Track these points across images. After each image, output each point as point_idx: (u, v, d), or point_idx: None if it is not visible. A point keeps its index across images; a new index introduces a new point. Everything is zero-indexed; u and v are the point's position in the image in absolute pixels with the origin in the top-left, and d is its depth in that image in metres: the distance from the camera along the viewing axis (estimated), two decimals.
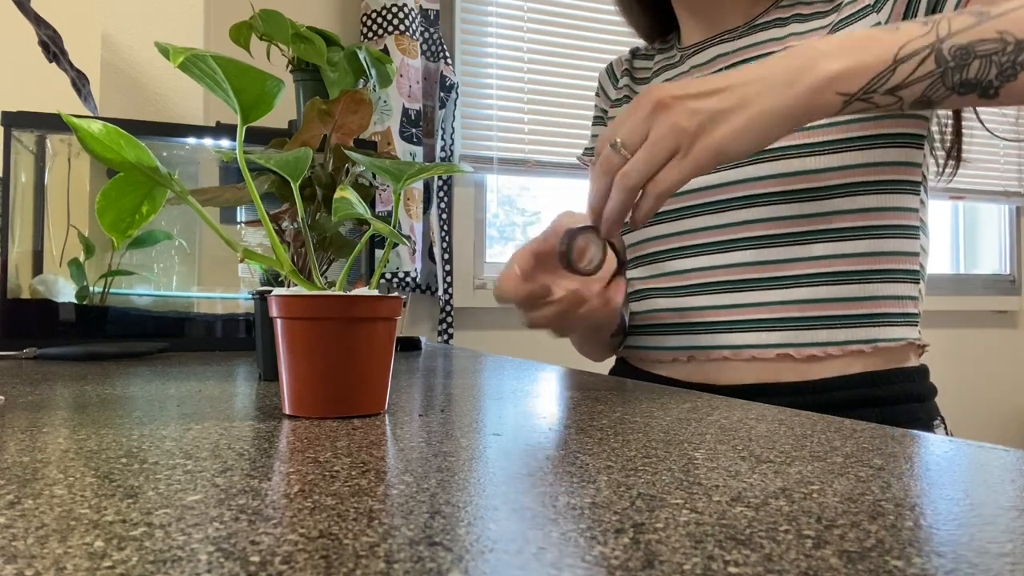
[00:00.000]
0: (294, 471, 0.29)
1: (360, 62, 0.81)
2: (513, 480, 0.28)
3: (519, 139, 1.92)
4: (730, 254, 0.78)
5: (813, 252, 0.74)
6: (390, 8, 1.66)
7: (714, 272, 0.79)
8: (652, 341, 0.85)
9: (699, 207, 0.80)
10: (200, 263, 1.07)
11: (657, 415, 0.45)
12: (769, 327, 0.75)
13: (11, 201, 0.94)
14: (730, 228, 0.77)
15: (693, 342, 0.80)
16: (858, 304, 0.74)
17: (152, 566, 0.19)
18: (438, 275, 1.76)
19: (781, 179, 0.74)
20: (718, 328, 0.78)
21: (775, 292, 0.75)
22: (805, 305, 0.74)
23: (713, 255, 0.79)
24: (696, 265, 0.80)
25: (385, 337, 0.44)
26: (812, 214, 0.74)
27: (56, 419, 0.41)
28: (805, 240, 0.74)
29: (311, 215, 0.57)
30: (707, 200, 0.79)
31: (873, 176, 0.73)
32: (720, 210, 0.78)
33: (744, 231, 0.77)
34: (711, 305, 0.79)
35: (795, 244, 0.74)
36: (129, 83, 1.29)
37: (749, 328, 0.76)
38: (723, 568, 0.19)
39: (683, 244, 0.81)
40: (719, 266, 0.78)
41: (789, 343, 0.74)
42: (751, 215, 0.76)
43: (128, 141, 0.40)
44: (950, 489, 0.27)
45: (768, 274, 0.75)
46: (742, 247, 0.77)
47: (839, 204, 0.73)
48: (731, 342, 0.77)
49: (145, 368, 0.72)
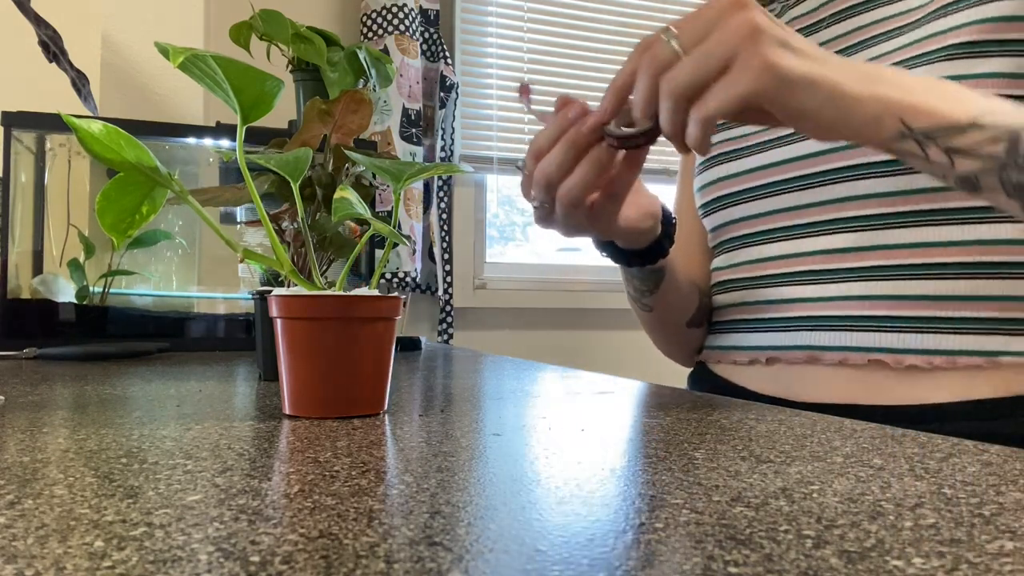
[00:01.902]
0: (294, 471, 0.29)
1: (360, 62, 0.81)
2: (513, 480, 0.28)
3: (519, 139, 1.92)
4: (820, 239, 0.67)
5: (926, 237, 0.61)
6: (390, 8, 1.66)
7: (801, 260, 0.68)
8: (730, 340, 0.75)
9: (787, 183, 0.69)
10: (200, 263, 1.07)
11: (657, 415, 0.45)
12: (863, 326, 0.63)
13: (11, 201, 0.94)
14: (823, 207, 0.67)
15: (774, 341, 0.70)
16: (978, 305, 0.59)
17: (152, 566, 0.19)
18: (438, 275, 1.76)
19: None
20: (803, 324, 0.67)
21: (874, 284, 0.63)
22: (909, 303, 0.61)
23: (801, 239, 0.69)
24: (781, 252, 0.70)
25: (385, 337, 0.44)
26: (923, 189, 0.61)
27: (56, 419, 0.41)
28: (917, 222, 0.61)
29: (311, 215, 0.57)
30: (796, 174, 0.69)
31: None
32: (810, 186, 0.67)
33: (840, 210, 0.65)
34: (796, 298, 0.68)
35: (903, 227, 0.62)
36: (129, 83, 1.29)
37: (839, 326, 0.65)
38: (723, 568, 0.19)
39: (767, 227, 0.72)
40: (807, 253, 0.68)
41: (886, 347, 0.61)
42: (849, 190, 0.65)
43: (128, 141, 0.40)
44: (949, 489, 0.27)
45: (866, 263, 0.64)
46: (835, 230, 0.66)
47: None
48: (817, 342, 0.66)
49: (145, 368, 0.72)
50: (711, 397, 0.53)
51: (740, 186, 0.74)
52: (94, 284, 0.99)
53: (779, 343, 0.69)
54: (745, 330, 0.73)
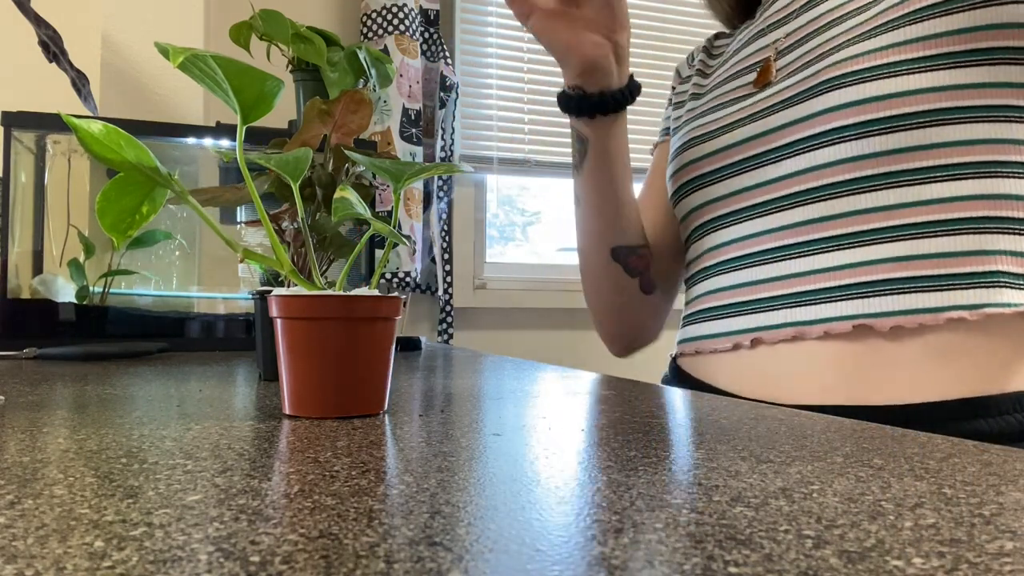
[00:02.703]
0: (294, 471, 0.29)
1: (360, 62, 0.81)
2: (513, 480, 0.28)
3: (519, 139, 1.92)
4: (786, 213, 0.67)
5: (895, 199, 0.61)
6: (390, 8, 1.66)
7: (771, 236, 0.68)
8: (709, 328, 0.74)
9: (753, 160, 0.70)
10: (200, 263, 1.07)
11: (657, 415, 0.45)
12: (844, 295, 0.63)
13: (11, 201, 0.94)
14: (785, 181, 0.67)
15: (757, 322, 0.69)
16: (957, 260, 0.59)
17: (152, 566, 0.19)
18: (438, 275, 1.76)
19: (857, 107, 0.62)
20: (785, 302, 0.67)
21: (848, 252, 0.63)
22: (892, 264, 0.61)
23: (768, 216, 0.69)
24: (750, 231, 0.70)
25: (385, 337, 0.44)
26: (899, 149, 0.61)
27: (56, 419, 0.41)
28: (888, 184, 0.61)
29: (311, 215, 0.57)
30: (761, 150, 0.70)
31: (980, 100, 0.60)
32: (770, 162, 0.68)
33: (803, 182, 0.66)
34: (774, 276, 0.68)
35: (876, 190, 0.62)
36: (129, 83, 1.29)
37: (821, 299, 0.64)
38: (723, 568, 0.19)
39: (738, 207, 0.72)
40: (776, 228, 0.68)
41: (869, 313, 0.61)
42: (815, 159, 0.65)
43: (128, 141, 0.40)
44: (949, 489, 0.27)
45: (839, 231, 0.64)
46: (801, 202, 0.66)
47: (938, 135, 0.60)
48: (801, 317, 0.65)
49: (145, 368, 0.72)
50: (711, 397, 0.53)
51: (704, 168, 0.76)
52: (94, 284, 0.99)
53: (762, 323, 0.68)
54: (726, 316, 0.73)
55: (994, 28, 0.60)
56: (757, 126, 0.71)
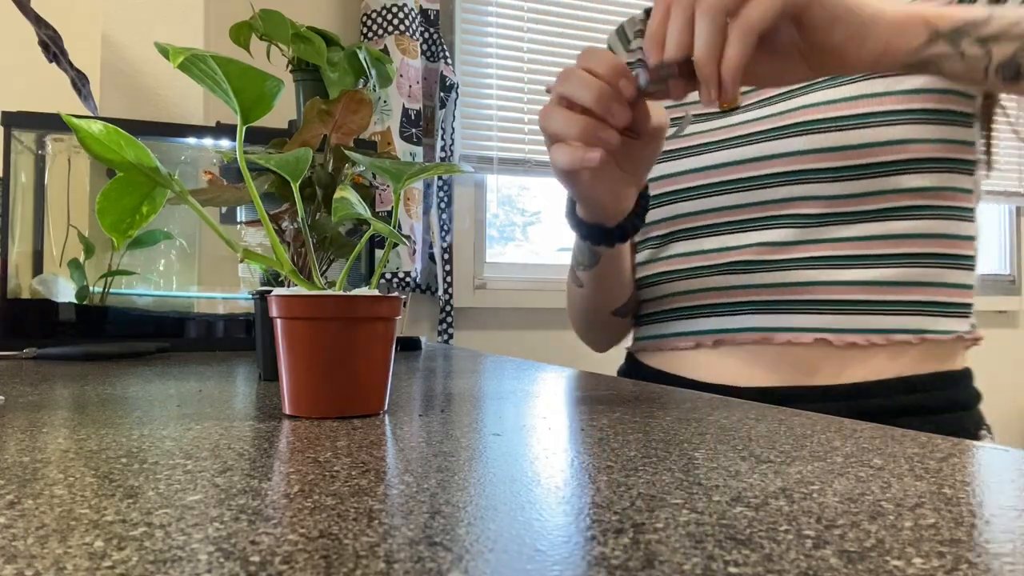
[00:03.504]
0: (294, 471, 0.29)
1: (360, 62, 0.81)
2: (513, 480, 0.28)
3: (519, 139, 1.92)
4: (760, 232, 0.71)
5: (860, 232, 0.68)
6: (390, 8, 1.66)
7: (742, 251, 0.72)
8: (671, 327, 0.77)
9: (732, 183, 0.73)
10: (200, 263, 1.07)
11: (657, 415, 0.45)
12: (808, 309, 0.69)
13: (11, 201, 0.94)
14: (767, 206, 0.71)
15: (722, 324, 0.73)
16: (909, 289, 0.68)
17: (152, 566, 0.19)
18: (438, 275, 1.76)
19: (829, 153, 0.68)
20: (753, 308, 0.71)
21: (817, 272, 0.69)
22: (849, 288, 0.68)
23: (747, 233, 0.72)
24: (723, 244, 0.74)
25: (385, 337, 0.44)
26: (863, 193, 0.68)
27: (56, 419, 0.41)
28: (852, 219, 0.68)
29: (311, 215, 0.57)
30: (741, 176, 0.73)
31: (933, 153, 0.68)
32: (756, 187, 0.72)
33: (781, 209, 0.70)
34: (743, 284, 0.72)
35: (841, 224, 0.69)
36: (129, 83, 1.29)
37: (786, 309, 0.70)
38: (723, 568, 0.19)
39: (713, 222, 0.75)
40: (747, 245, 0.72)
41: (829, 328, 0.68)
42: (792, 192, 0.70)
43: (128, 141, 0.40)
44: (949, 489, 0.27)
45: (810, 253, 0.69)
46: (776, 225, 0.71)
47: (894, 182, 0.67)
48: (765, 324, 0.70)
49: (145, 368, 0.72)
50: (711, 397, 0.53)
51: (685, 184, 0.77)
52: (94, 284, 0.99)
53: (727, 326, 0.73)
54: (688, 316, 0.76)
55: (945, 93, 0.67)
56: (734, 153, 0.73)
